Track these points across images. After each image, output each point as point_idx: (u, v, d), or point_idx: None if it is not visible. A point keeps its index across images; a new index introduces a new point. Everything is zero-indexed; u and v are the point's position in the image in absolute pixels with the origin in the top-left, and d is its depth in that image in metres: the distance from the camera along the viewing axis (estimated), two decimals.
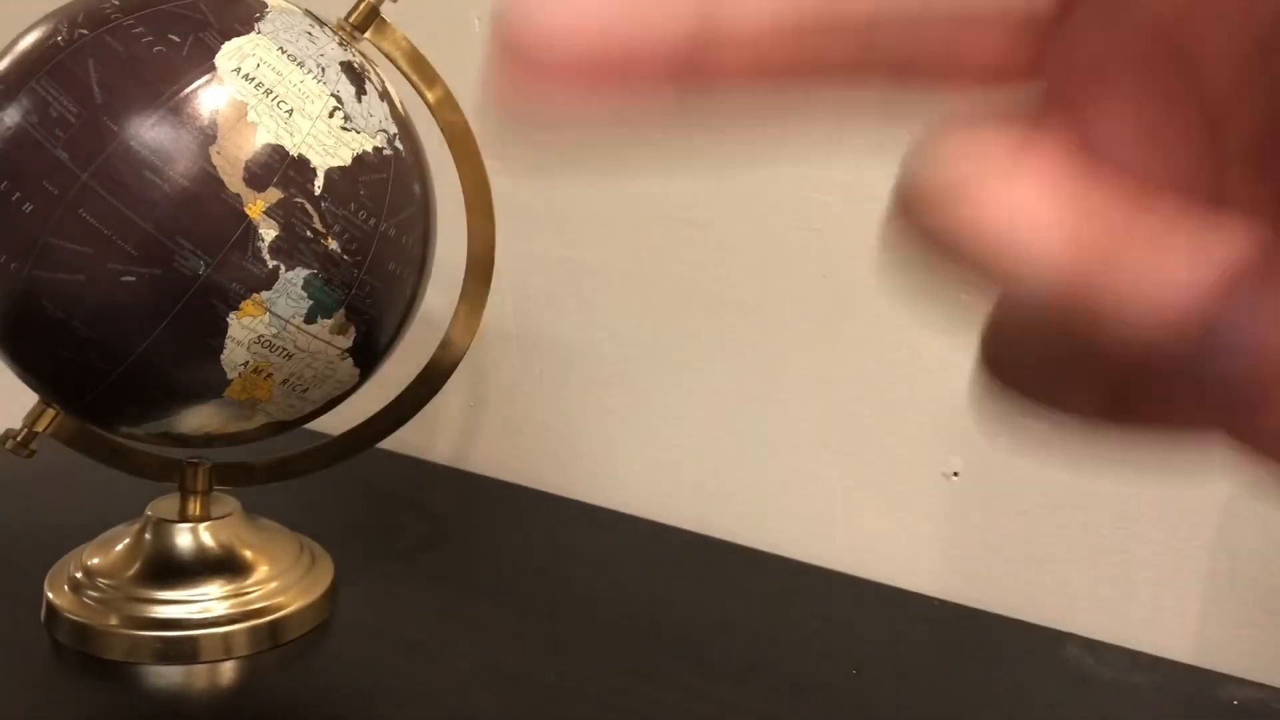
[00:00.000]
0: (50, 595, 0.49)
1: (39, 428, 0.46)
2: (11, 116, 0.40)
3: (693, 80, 0.13)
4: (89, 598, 0.48)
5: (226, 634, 0.47)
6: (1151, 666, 0.53)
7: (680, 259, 0.67)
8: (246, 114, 0.41)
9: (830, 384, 0.64)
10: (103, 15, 0.42)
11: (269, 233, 0.41)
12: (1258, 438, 0.13)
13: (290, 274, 0.42)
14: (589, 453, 0.73)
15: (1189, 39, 0.12)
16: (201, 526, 0.50)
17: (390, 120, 0.46)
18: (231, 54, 0.42)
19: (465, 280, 0.55)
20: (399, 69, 0.52)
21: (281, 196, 0.41)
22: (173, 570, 0.49)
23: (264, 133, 0.41)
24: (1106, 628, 0.57)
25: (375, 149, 0.45)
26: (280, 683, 0.46)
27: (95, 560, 0.50)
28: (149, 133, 0.40)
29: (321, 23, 0.47)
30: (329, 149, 0.43)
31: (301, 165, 0.42)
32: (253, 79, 0.42)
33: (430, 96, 0.52)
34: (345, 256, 0.43)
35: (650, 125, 0.13)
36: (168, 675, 0.46)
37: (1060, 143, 0.13)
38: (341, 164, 0.43)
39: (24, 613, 0.49)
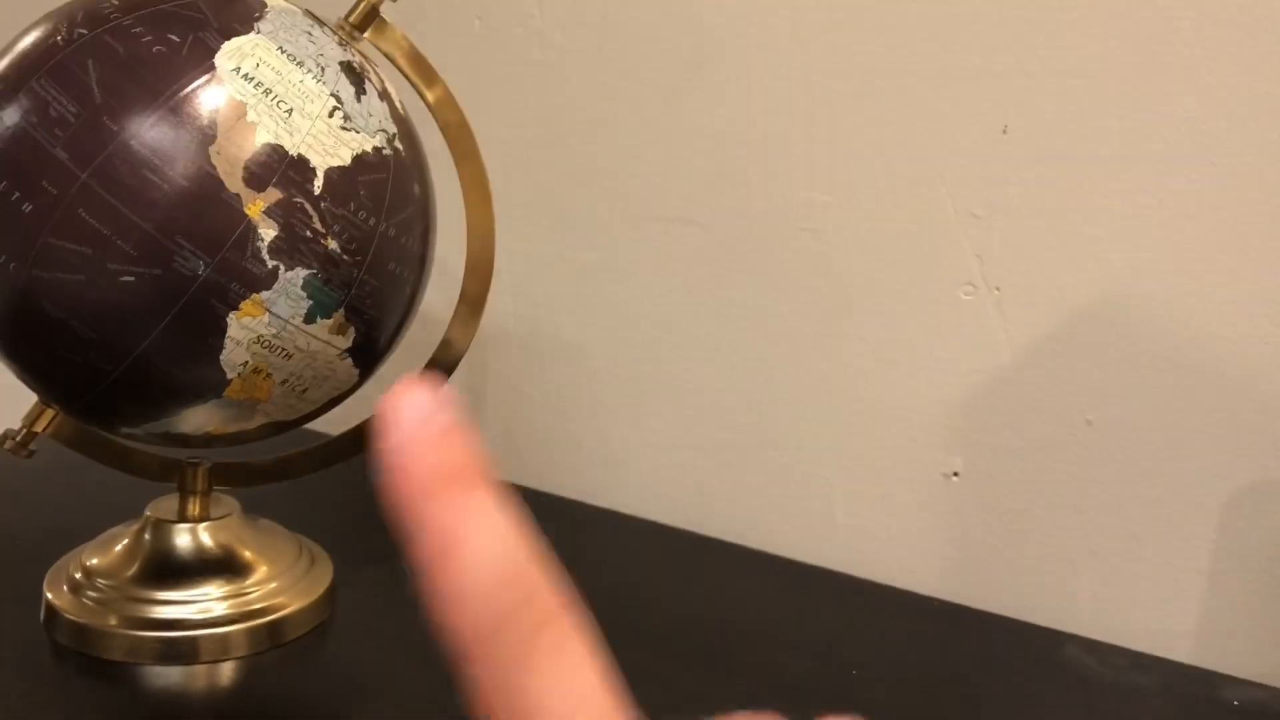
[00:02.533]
0: (50, 596, 0.49)
1: (38, 428, 0.46)
2: (11, 116, 0.40)
3: None
4: (88, 598, 0.48)
5: (226, 634, 0.47)
6: (1152, 667, 0.53)
7: (680, 259, 0.67)
8: (246, 114, 0.41)
9: (830, 384, 0.64)
10: (102, 15, 0.42)
11: (268, 233, 0.41)
12: None
13: (290, 274, 0.42)
14: (589, 453, 0.73)
15: None
16: (201, 527, 0.50)
17: (390, 120, 0.46)
18: (231, 54, 0.42)
19: (465, 280, 0.55)
20: (399, 69, 0.52)
21: (281, 196, 0.41)
22: (172, 570, 0.49)
23: (263, 132, 0.41)
24: (1107, 628, 0.57)
25: (375, 149, 0.44)
26: (280, 683, 0.46)
27: (95, 560, 0.50)
28: (148, 132, 0.40)
29: (321, 22, 0.47)
30: (329, 149, 0.43)
31: (301, 165, 0.42)
32: (252, 79, 0.42)
33: (430, 96, 0.52)
34: (345, 256, 0.43)
35: None
36: (167, 675, 0.46)
37: None
38: (341, 164, 0.43)
39: (24, 613, 0.49)
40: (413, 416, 0.17)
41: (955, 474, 0.61)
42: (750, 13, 0.63)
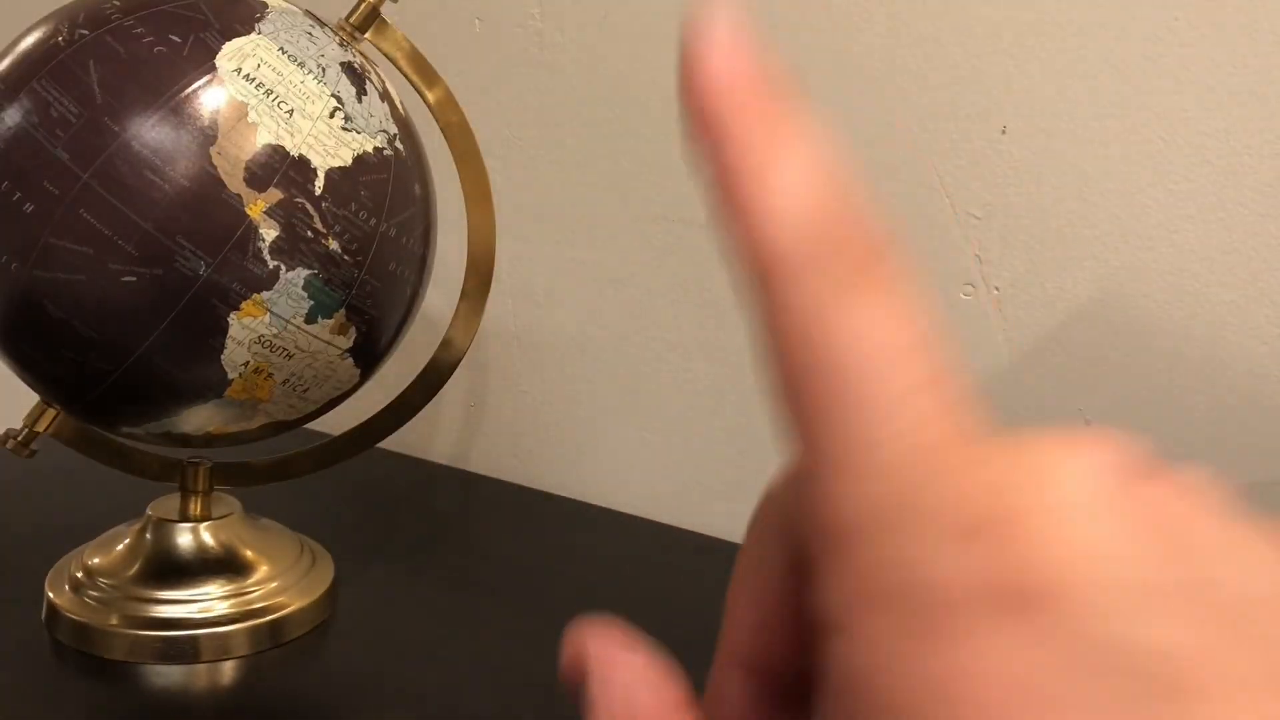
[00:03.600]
0: (51, 595, 0.49)
1: (39, 428, 0.46)
2: (12, 117, 0.40)
3: None
4: (90, 597, 0.48)
5: (227, 634, 0.47)
6: None
7: (680, 259, 0.67)
8: (247, 114, 0.41)
9: None
10: (103, 15, 0.42)
11: (269, 233, 0.41)
12: None
13: (291, 274, 0.42)
14: (589, 453, 0.73)
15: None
16: (202, 526, 0.50)
17: (391, 120, 0.46)
18: (232, 54, 0.42)
19: (465, 280, 0.55)
20: (399, 69, 0.52)
21: (282, 197, 0.41)
22: (173, 570, 0.49)
23: (264, 133, 0.41)
24: None
25: (376, 149, 0.45)
26: (280, 683, 0.46)
27: (96, 560, 0.50)
28: (150, 133, 0.40)
29: (322, 23, 0.47)
30: (329, 149, 0.43)
31: (302, 165, 0.42)
32: (253, 79, 0.42)
33: (430, 96, 0.53)
34: (346, 257, 0.43)
35: None
36: (168, 675, 0.46)
37: None
38: (342, 164, 0.43)
39: (25, 613, 0.49)
40: (732, 25, 0.15)
41: None
42: (749, 13, 0.63)
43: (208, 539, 0.50)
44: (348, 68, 0.45)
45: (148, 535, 0.50)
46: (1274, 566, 0.13)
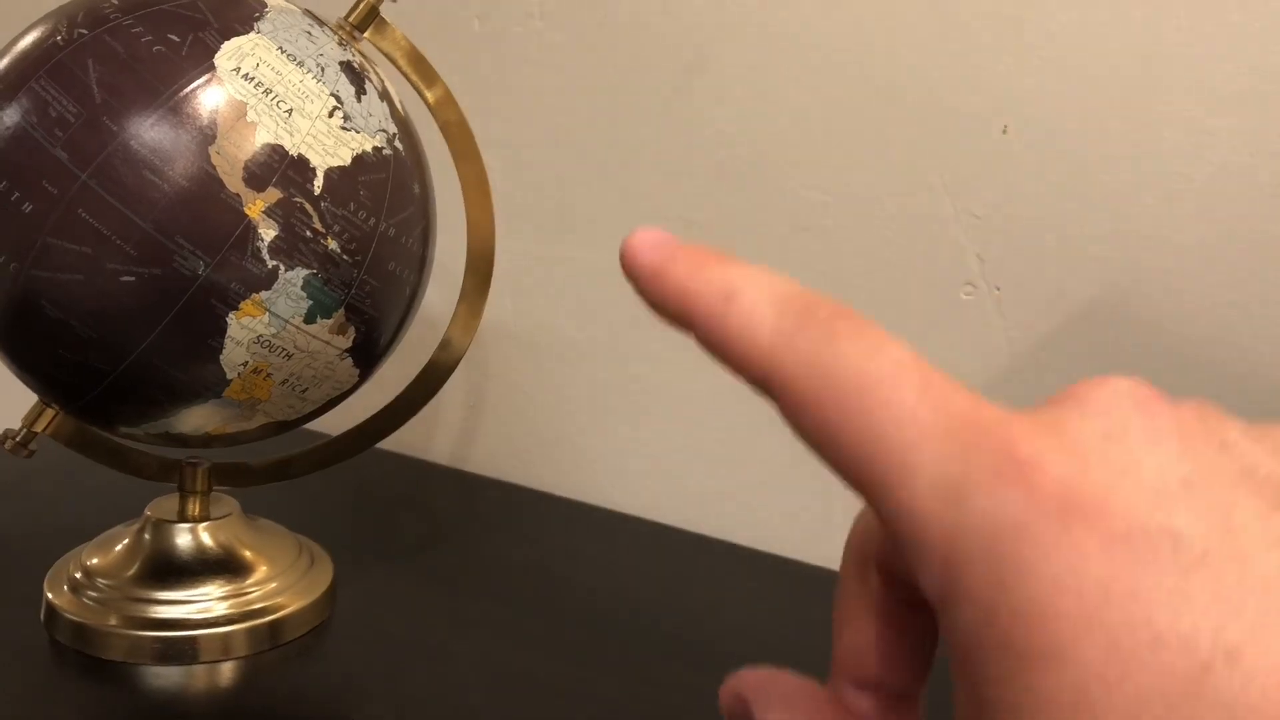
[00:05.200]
0: (50, 595, 0.49)
1: (38, 428, 0.46)
2: (11, 116, 0.40)
3: None
4: (88, 598, 0.48)
5: (226, 634, 0.47)
6: None
7: None
8: (246, 114, 0.41)
9: None
10: (102, 15, 0.42)
11: (268, 233, 0.41)
12: None
13: (290, 274, 0.42)
14: (589, 453, 0.73)
15: None
16: (201, 527, 0.50)
17: (390, 120, 0.46)
18: (231, 54, 0.42)
19: (465, 280, 0.55)
20: (399, 69, 0.52)
21: (281, 196, 0.41)
22: (172, 570, 0.49)
23: (263, 132, 0.41)
24: None
25: (375, 149, 0.44)
26: (280, 683, 0.46)
27: (95, 560, 0.50)
28: (148, 132, 0.40)
29: (321, 22, 0.47)
30: (329, 149, 0.43)
31: (301, 165, 0.42)
32: (252, 79, 0.42)
33: (430, 96, 0.52)
34: (345, 256, 0.43)
35: None
36: (167, 675, 0.46)
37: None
38: (341, 164, 0.43)
39: (23, 613, 0.49)
40: (660, 236, 0.19)
41: None
42: (750, 13, 0.63)
43: (206, 539, 0.50)
44: (347, 67, 0.45)
45: (146, 536, 0.50)
46: (1268, 452, 0.16)
